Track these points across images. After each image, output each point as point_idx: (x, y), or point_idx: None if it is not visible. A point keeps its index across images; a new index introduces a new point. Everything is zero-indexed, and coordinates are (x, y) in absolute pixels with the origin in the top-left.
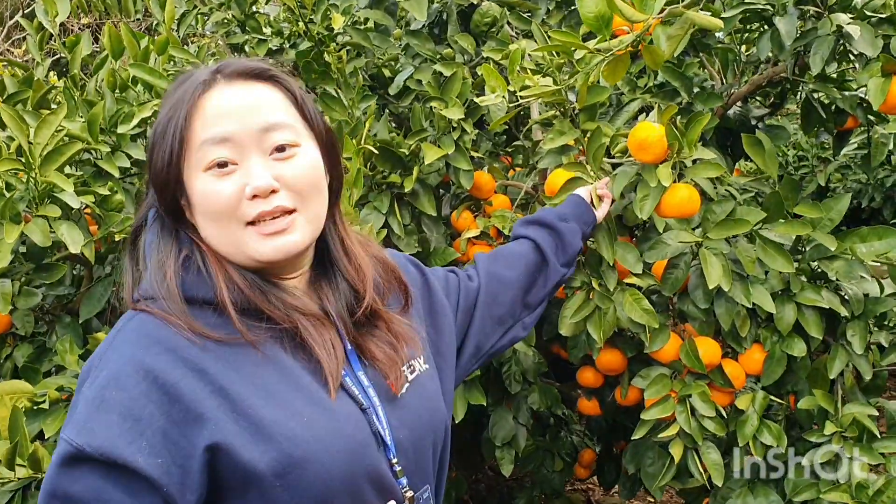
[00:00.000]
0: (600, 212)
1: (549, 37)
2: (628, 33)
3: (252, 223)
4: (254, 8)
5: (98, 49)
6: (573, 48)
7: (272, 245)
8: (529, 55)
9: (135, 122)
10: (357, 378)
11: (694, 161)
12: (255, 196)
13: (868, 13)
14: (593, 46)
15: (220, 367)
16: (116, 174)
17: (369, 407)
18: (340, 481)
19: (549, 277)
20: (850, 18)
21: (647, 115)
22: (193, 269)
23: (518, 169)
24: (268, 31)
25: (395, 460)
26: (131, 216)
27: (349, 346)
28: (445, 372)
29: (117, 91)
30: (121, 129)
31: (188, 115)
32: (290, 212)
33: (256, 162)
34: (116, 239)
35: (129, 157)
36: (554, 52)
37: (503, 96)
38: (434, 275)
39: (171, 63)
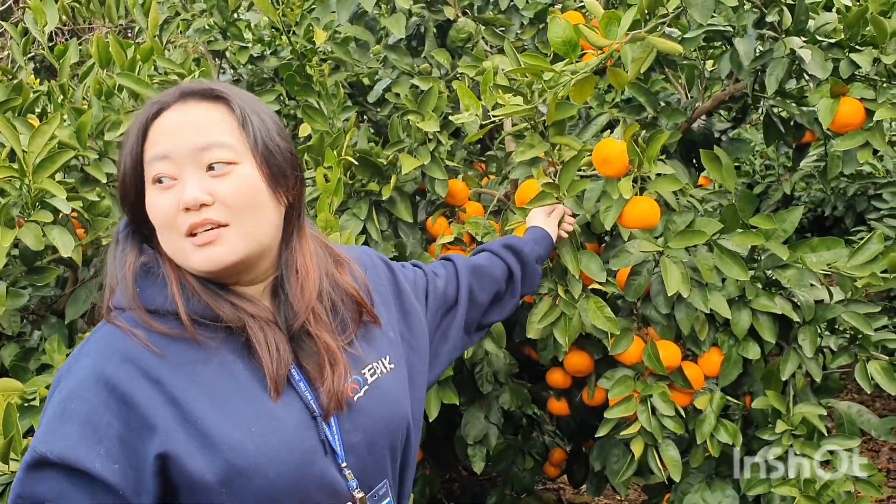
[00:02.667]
0: (561, 231)
1: (519, 54)
2: (594, 53)
3: (190, 234)
4: (235, 15)
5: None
6: (542, 71)
7: (203, 255)
8: (503, 70)
9: (122, 129)
10: (313, 385)
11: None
12: (187, 209)
13: (819, 38)
14: (560, 69)
15: (176, 377)
16: (104, 180)
17: (320, 415)
18: (286, 489)
19: (504, 309)
20: (804, 42)
21: (613, 130)
22: (153, 278)
23: (492, 176)
24: (249, 36)
25: (344, 464)
26: (118, 220)
27: None
28: (418, 368)
29: (102, 98)
30: (108, 137)
31: (141, 134)
32: (222, 226)
33: (190, 177)
34: (104, 243)
35: (116, 163)
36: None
37: (477, 114)
38: (403, 274)
39: (154, 70)
